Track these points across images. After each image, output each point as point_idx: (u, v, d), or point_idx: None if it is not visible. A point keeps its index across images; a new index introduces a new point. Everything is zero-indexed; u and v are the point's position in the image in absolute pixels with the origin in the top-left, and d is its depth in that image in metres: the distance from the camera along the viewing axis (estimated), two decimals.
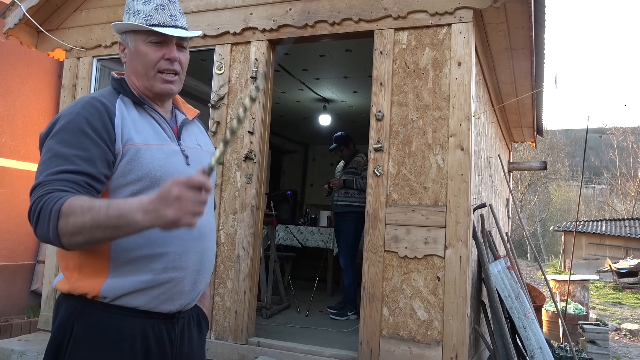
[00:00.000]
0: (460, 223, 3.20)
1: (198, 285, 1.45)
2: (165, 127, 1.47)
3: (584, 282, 7.57)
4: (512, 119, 6.48)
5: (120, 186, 1.34)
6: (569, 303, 6.90)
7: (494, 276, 3.65)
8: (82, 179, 1.25)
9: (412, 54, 3.45)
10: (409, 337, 3.25)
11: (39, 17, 4.49)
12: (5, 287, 5.48)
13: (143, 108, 1.46)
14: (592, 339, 6.05)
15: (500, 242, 5.15)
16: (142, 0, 1.44)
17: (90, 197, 1.22)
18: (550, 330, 6.76)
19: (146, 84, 1.45)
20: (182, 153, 1.45)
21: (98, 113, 1.34)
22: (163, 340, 1.39)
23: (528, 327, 3.63)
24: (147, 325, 1.35)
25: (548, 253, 29.59)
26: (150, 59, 1.42)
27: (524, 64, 4.44)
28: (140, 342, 1.34)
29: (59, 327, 1.34)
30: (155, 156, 1.37)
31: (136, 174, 1.34)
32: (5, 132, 5.52)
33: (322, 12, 3.68)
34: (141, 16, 1.42)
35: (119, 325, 1.31)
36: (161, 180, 1.35)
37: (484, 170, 4.38)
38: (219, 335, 3.73)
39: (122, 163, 1.33)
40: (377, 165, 3.44)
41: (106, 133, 1.32)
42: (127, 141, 1.35)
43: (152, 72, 1.43)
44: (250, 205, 3.75)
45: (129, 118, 1.40)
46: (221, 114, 3.92)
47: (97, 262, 1.32)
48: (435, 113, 3.35)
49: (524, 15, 3.52)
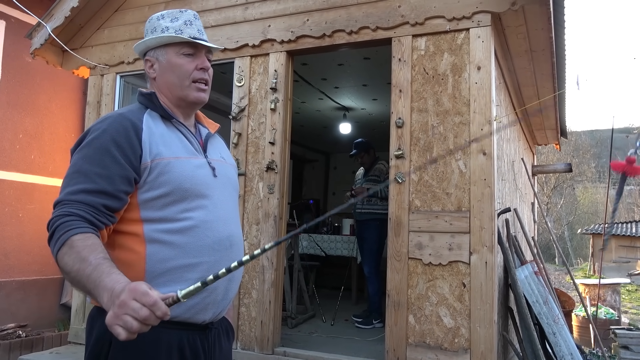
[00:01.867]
0: (485, 228, 3.16)
1: (229, 294, 1.47)
2: (192, 140, 1.50)
3: (615, 285, 7.39)
4: (534, 121, 6.39)
5: (152, 199, 1.37)
6: (599, 307, 6.74)
7: (520, 281, 3.59)
8: (99, 201, 1.29)
9: (431, 59, 3.44)
10: (435, 345, 3.21)
11: (63, 37, 4.62)
12: (37, 301, 5.60)
13: (171, 122, 1.49)
14: (625, 344, 5.89)
15: (527, 246, 5.07)
16: (169, 18, 1.50)
17: (95, 241, 1.22)
18: (580, 335, 6.61)
19: (181, 94, 1.50)
20: (209, 165, 1.49)
21: (124, 130, 1.37)
22: (197, 351, 1.41)
23: (558, 333, 3.56)
24: (183, 336, 1.37)
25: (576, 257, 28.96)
26: (186, 69, 1.48)
27: (545, 65, 4.39)
28: (177, 354, 1.36)
29: (97, 340, 1.35)
30: (184, 169, 1.40)
31: (167, 187, 1.37)
32: (34, 150, 5.67)
33: (340, 21, 3.70)
34: (171, 31, 1.49)
35: (156, 337, 1.30)
36: (191, 192, 1.39)
37: (508, 174, 4.33)
38: (245, 346, 3.75)
39: (152, 177, 1.37)
40: (399, 172, 3.43)
41: (131, 150, 1.35)
42: (156, 156, 1.38)
43: (187, 81, 1.49)
44: (273, 215, 3.77)
45: (157, 132, 1.43)
46: (242, 125, 3.96)
47: (132, 273, 1.32)
48: (455, 118, 3.33)
49: (543, 17, 3.48)
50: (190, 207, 1.39)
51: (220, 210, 1.46)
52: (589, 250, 22.27)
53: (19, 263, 5.41)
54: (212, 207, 1.43)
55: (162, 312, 1.03)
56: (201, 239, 1.38)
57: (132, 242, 1.36)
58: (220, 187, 1.49)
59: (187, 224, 1.37)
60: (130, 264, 1.34)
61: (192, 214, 1.39)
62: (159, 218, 1.37)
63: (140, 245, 1.35)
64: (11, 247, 5.33)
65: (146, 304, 1.02)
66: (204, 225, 1.39)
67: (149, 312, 1.02)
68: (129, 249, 1.36)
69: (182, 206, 1.38)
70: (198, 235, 1.38)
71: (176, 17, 1.51)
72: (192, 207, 1.39)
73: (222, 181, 1.51)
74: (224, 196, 1.50)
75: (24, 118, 5.60)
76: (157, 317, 1.03)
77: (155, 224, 1.36)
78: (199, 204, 1.40)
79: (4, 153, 5.39)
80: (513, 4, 3.22)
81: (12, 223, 5.34)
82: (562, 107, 6.02)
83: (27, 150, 5.61)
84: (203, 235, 1.39)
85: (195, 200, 1.40)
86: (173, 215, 1.37)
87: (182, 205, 1.38)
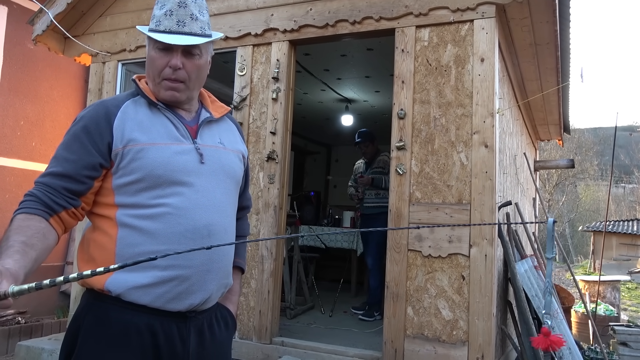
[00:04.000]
0: (485, 221, 3.16)
1: (208, 285, 1.42)
2: (179, 126, 1.46)
3: (615, 282, 7.38)
4: (537, 116, 6.36)
5: (125, 184, 1.38)
6: (599, 304, 6.73)
7: (520, 275, 3.59)
8: (60, 184, 1.34)
9: (434, 51, 3.42)
10: (433, 337, 3.21)
11: (65, 24, 4.60)
12: None
13: (157, 108, 1.47)
14: (623, 340, 5.90)
15: (527, 241, 5.06)
16: (159, 5, 1.44)
17: (31, 223, 1.27)
18: (579, 331, 6.61)
19: (154, 90, 1.47)
20: (197, 151, 1.45)
21: (96, 117, 1.40)
22: (173, 338, 1.39)
23: (556, 327, 3.55)
24: (155, 322, 1.36)
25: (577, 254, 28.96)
26: (157, 65, 1.43)
27: (549, 59, 4.36)
28: (149, 338, 1.35)
29: (73, 318, 1.41)
30: (159, 155, 1.38)
31: (139, 173, 1.37)
32: (35, 137, 5.66)
33: (343, 11, 3.67)
34: (154, 21, 1.43)
35: (127, 320, 1.33)
36: (164, 178, 1.38)
37: (509, 168, 4.31)
38: (243, 335, 3.75)
39: (124, 162, 1.37)
40: (400, 163, 3.42)
41: (99, 136, 1.38)
42: (129, 142, 1.38)
43: (158, 78, 1.44)
44: (273, 205, 3.76)
45: (135, 119, 1.41)
46: (243, 114, 3.94)
47: (104, 256, 1.36)
48: (458, 110, 3.32)
49: (548, 10, 3.45)
50: (164, 193, 1.37)
51: (201, 198, 1.42)
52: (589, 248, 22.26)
53: None
54: (190, 194, 1.40)
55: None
56: (172, 226, 1.36)
57: (106, 226, 1.39)
58: (207, 174, 1.45)
59: (159, 211, 1.36)
60: (103, 246, 1.38)
61: (166, 200, 1.37)
62: (132, 204, 1.37)
63: (113, 229, 1.37)
64: None
65: None
66: (177, 213, 1.37)
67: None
68: (104, 232, 1.39)
69: (155, 192, 1.37)
70: (169, 222, 1.36)
71: (163, 4, 1.43)
72: (166, 193, 1.37)
73: (211, 167, 1.46)
74: (211, 183, 1.45)
75: (26, 105, 5.58)
76: None
77: (127, 209, 1.37)
78: (174, 191, 1.38)
79: (5, 140, 5.38)
80: None
81: (13, 209, 5.30)
82: (566, 102, 5.99)
83: (29, 137, 5.60)
84: (175, 222, 1.36)
85: (170, 187, 1.38)
86: (145, 201, 1.37)
87: (155, 191, 1.37)
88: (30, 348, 4.04)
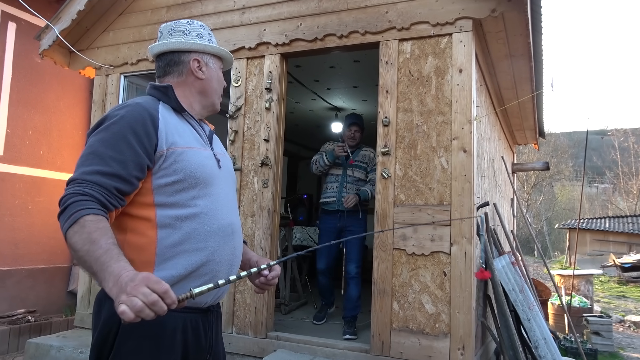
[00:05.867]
0: (464, 221, 3.17)
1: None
2: (201, 133, 1.52)
3: (588, 276, 7.43)
4: (514, 122, 6.41)
5: (166, 185, 1.36)
6: (573, 297, 6.78)
7: (498, 271, 3.61)
8: (112, 183, 1.27)
9: (416, 62, 3.44)
10: (418, 329, 3.23)
11: (70, 39, 4.59)
12: (45, 288, 5.58)
13: (182, 115, 1.49)
14: (596, 330, 5.94)
15: (505, 239, 5.09)
16: (208, 32, 1.60)
17: (106, 225, 1.21)
18: (556, 322, 6.64)
19: (214, 101, 1.60)
20: (215, 157, 1.51)
21: (142, 118, 1.35)
22: (199, 332, 1.42)
23: (532, 319, 3.58)
24: (186, 319, 1.38)
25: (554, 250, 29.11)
26: (223, 83, 1.63)
27: (524, 69, 4.39)
28: (180, 335, 1.36)
29: (105, 322, 1.32)
30: (196, 158, 1.41)
31: (180, 174, 1.37)
32: (43, 145, 5.63)
33: (331, 25, 3.69)
34: (214, 44, 1.59)
35: (162, 319, 1.26)
36: (201, 180, 1.40)
37: (488, 171, 4.34)
38: (240, 330, 3.75)
39: (167, 164, 1.36)
40: (385, 168, 3.43)
41: (147, 137, 1.34)
42: (172, 144, 1.37)
43: (221, 92, 1.61)
44: (267, 208, 3.77)
45: (172, 123, 1.42)
46: (239, 123, 3.95)
47: (143, 256, 1.33)
48: (438, 118, 3.34)
49: (521, 23, 3.49)
50: (199, 194, 1.40)
51: (223, 199, 1.47)
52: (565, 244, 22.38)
53: (28, 252, 5.38)
54: (216, 196, 1.44)
55: (171, 300, 1.06)
56: (207, 225, 1.39)
57: (144, 227, 1.34)
58: (223, 178, 1.51)
59: (196, 211, 1.38)
60: (141, 247, 1.33)
61: (200, 202, 1.40)
62: (171, 203, 1.36)
63: (152, 230, 1.34)
64: (21, 238, 5.30)
65: (157, 290, 1.04)
66: (210, 213, 1.41)
67: (158, 298, 1.03)
68: (141, 233, 1.34)
69: (193, 193, 1.39)
70: (205, 221, 1.39)
71: (211, 33, 1.62)
72: (201, 194, 1.40)
73: (224, 173, 1.53)
74: (227, 187, 1.52)
75: (34, 115, 5.56)
76: (166, 304, 1.05)
77: (167, 209, 1.35)
78: (207, 192, 1.42)
79: (15, 148, 5.35)
80: (493, 11, 3.22)
81: (22, 215, 5.30)
82: (540, 109, 6.04)
83: (37, 146, 5.58)
84: (209, 221, 1.40)
85: (204, 188, 1.41)
86: (184, 201, 1.37)
87: (192, 192, 1.39)
88: (40, 345, 4.01)
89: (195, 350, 1.41)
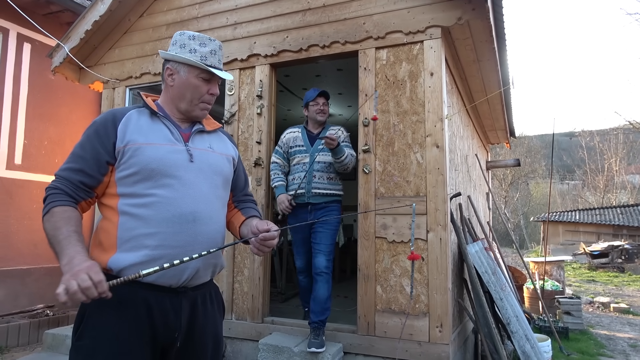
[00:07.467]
0: (439, 210, 3.18)
1: (194, 264, 1.44)
2: (174, 131, 1.52)
3: (559, 262, 7.44)
4: (486, 123, 6.42)
5: (124, 177, 1.42)
6: (546, 281, 6.78)
7: (471, 255, 3.61)
8: (77, 178, 1.40)
9: (391, 68, 3.45)
10: (399, 310, 3.22)
11: (80, 56, 4.59)
12: None
13: (157, 117, 1.52)
14: (567, 310, 5.95)
15: (481, 229, 5.09)
16: (198, 42, 1.53)
17: (71, 214, 1.34)
18: (531, 305, 6.65)
19: (187, 108, 1.55)
20: (187, 152, 1.49)
21: (105, 122, 1.45)
22: (166, 310, 1.41)
23: (504, 299, 3.58)
24: (150, 296, 1.38)
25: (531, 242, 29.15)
26: (200, 91, 1.54)
27: (492, 73, 4.41)
28: (144, 310, 1.37)
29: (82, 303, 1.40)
30: (154, 153, 1.43)
31: (136, 167, 1.41)
32: (58, 154, 5.62)
33: (314, 37, 3.70)
34: (198, 55, 1.52)
35: (125, 293, 1.34)
36: (157, 171, 1.42)
37: (461, 166, 4.35)
38: (239, 316, 3.73)
39: (125, 159, 1.42)
40: (366, 164, 3.43)
41: (106, 137, 1.43)
42: (129, 142, 1.43)
43: (196, 101, 1.55)
44: (261, 204, 3.76)
45: (136, 124, 1.47)
46: (233, 128, 3.95)
47: (109, 239, 1.39)
48: (413, 117, 3.35)
49: (485, 31, 3.50)
50: (155, 185, 1.41)
51: (189, 189, 1.45)
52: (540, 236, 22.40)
53: (46, 252, 5.34)
54: (179, 186, 1.44)
55: (102, 289, 1.17)
56: (161, 212, 1.40)
57: (110, 214, 1.42)
58: (195, 170, 1.49)
59: (151, 200, 1.40)
60: (108, 231, 1.40)
61: (157, 191, 1.41)
62: (129, 193, 1.41)
63: (115, 216, 1.41)
64: (39, 238, 5.27)
65: (93, 279, 1.16)
66: (165, 201, 1.41)
67: (91, 285, 1.15)
68: (109, 220, 1.42)
69: (149, 184, 1.41)
70: (159, 209, 1.40)
71: (204, 43, 1.54)
72: (157, 185, 1.42)
73: (199, 166, 1.50)
74: (198, 178, 1.49)
75: (49, 127, 5.55)
76: (97, 292, 1.17)
77: (126, 198, 1.41)
78: (165, 183, 1.42)
79: (32, 158, 5.34)
80: (459, 19, 3.23)
81: (40, 218, 5.26)
82: (509, 110, 6.06)
83: (52, 155, 5.56)
84: (164, 209, 1.40)
85: (161, 179, 1.42)
86: (140, 191, 1.41)
87: (148, 183, 1.41)
88: (56, 335, 3.99)
89: (163, 327, 1.40)
